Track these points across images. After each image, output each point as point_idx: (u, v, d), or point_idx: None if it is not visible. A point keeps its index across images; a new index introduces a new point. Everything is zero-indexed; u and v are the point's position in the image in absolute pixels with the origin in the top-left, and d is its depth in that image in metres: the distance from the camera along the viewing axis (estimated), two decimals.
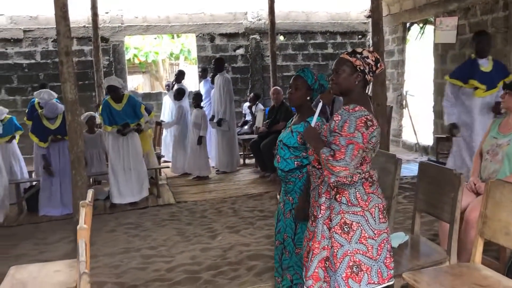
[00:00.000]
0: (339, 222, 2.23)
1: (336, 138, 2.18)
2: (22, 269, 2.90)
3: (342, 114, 2.23)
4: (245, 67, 10.70)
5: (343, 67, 2.31)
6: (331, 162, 2.14)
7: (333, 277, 2.23)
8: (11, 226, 5.68)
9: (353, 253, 2.21)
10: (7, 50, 9.49)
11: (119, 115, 6.02)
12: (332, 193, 2.26)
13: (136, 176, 6.13)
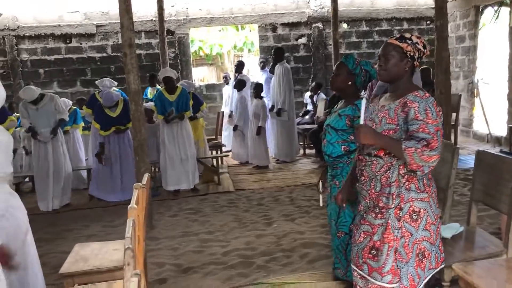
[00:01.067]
0: (408, 210, 2.18)
1: (423, 126, 2.09)
2: (85, 246, 3.14)
3: (419, 101, 2.14)
4: (307, 56, 10.62)
5: (392, 52, 2.23)
6: (428, 153, 2.05)
7: (404, 268, 2.17)
8: (83, 209, 6.10)
9: (420, 241, 2.18)
10: (81, 44, 10.11)
11: (172, 105, 6.27)
12: (403, 181, 2.19)
13: (188, 164, 6.33)
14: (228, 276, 3.70)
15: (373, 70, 2.94)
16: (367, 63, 2.99)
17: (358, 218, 2.38)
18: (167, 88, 6.32)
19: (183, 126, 6.33)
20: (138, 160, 4.90)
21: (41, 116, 5.98)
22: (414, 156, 2.06)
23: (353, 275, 2.41)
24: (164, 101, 6.29)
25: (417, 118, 2.11)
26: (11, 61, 9.87)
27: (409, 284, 2.16)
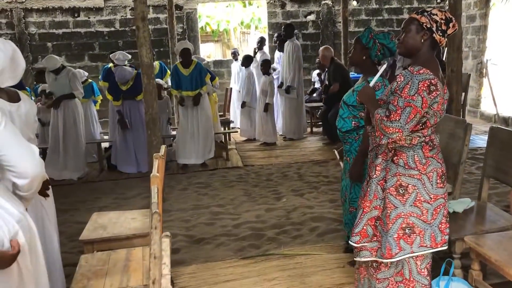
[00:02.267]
0: (394, 184, 2.24)
1: (395, 98, 2.16)
2: (103, 215, 3.22)
3: (406, 75, 2.19)
4: (316, 33, 10.55)
5: (409, 26, 2.25)
6: (385, 123, 2.13)
7: (385, 237, 2.26)
8: (94, 182, 6.19)
9: (407, 215, 2.22)
10: (89, 18, 10.07)
11: (186, 80, 6.26)
12: (390, 155, 2.26)
13: (204, 138, 6.38)
14: (240, 247, 3.79)
15: (392, 43, 2.91)
16: (385, 37, 2.93)
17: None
18: (183, 61, 6.30)
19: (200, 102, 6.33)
20: (149, 134, 4.95)
21: (58, 86, 6.15)
22: (378, 123, 2.17)
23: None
24: (179, 75, 6.28)
25: (395, 91, 2.18)
26: (19, 34, 9.85)
27: (386, 252, 2.25)
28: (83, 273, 2.40)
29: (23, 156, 1.70)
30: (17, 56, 2.26)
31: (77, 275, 2.40)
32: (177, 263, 3.54)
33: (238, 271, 3.35)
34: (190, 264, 3.52)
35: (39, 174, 1.75)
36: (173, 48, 9.67)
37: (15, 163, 1.69)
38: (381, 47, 2.92)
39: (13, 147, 1.69)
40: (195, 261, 3.57)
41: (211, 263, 3.51)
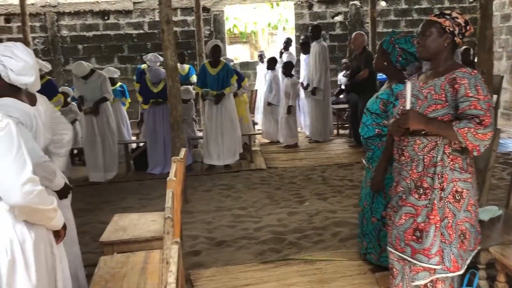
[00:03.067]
0: (451, 190, 2.14)
1: (475, 103, 2.03)
2: (124, 217, 3.26)
3: (469, 78, 2.09)
4: (343, 34, 10.44)
5: (430, 29, 2.19)
6: (482, 131, 1.98)
7: (447, 249, 2.13)
8: (121, 182, 6.29)
9: (462, 222, 2.15)
10: (119, 21, 10.26)
11: (213, 79, 6.28)
12: (447, 161, 2.15)
13: (228, 140, 6.39)
14: (260, 251, 3.77)
15: (413, 48, 2.81)
16: (406, 41, 2.83)
17: (396, 199, 2.31)
18: (212, 60, 6.33)
19: (223, 103, 6.35)
20: (173, 136, 4.99)
21: (88, 89, 6.24)
22: (468, 136, 2.00)
23: (390, 257, 2.37)
24: (206, 74, 6.31)
25: (467, 95, 2.05)
26: (52, 37, 10.13)
27: (452, 265, 2.12)
28: (101, 275, 2.43)
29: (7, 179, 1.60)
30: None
31: (96, 276, 2.43)
32: (197, 265, 3.56)
33: (257, 275, 3.33)
34: (210, 266, 3.52)
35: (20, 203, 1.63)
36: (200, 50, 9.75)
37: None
38: (401, 52, 2.82)
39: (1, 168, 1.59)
40: (215, 264, 3.57)
41: (231, 266, 3.50)
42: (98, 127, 6.26)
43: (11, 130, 1.64)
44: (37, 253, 1.73)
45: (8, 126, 1.64)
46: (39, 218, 1.76)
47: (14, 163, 1.61)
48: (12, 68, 2.16)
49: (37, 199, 1.67)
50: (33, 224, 1.73)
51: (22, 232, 1.69)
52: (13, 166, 1.61)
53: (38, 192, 1.67)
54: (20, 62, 2.17)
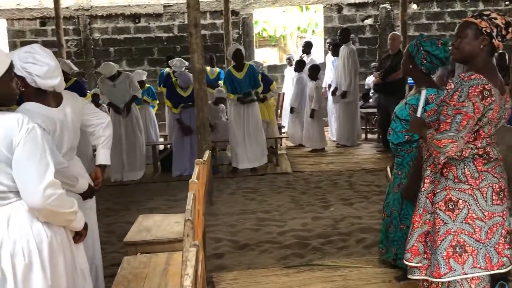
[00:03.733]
0: (443, 198, 2.11)
1: (444, 108, 2.03)
2: (148, 218, 3.29)
3: (456, 82, 2.06)
4: (373, 38, 10.31)
5: (466, 30, 2.11)
6: (436, 137, 1.99)
7: (434, 254, 2.14)
8: (147, 183, 6.37)
9: (457, 233, 2.09)
10: (149, 24, 10.42)
11: (240, 83, 6.29)
12: (438, 167, 2.14)
13: (255, 143, 6.38)
14: (284, 255, 3.74)
15: (439, 50, 2.73)
16: (432, 43, 2.73)
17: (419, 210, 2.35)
18: (236, 64, 6.36)
19: (250, 106, 6.36)
20: (200, 138, 5.02)
21: (117, 92, 6.32)
22: (430, 142, 2.03)
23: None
24: (233, 79, 6.34)
25: (444, 99, 2.05)
26: (84, 40, 10.38)
27: (435, 271, 2.12)
28: (124, 275, 2.45)
29: (28, 183, 1.65)
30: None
31: (118, 276, 2.46)
32: (220, 268, 3.56)
33: (280, 280, 3.30)
34: (232, 269, 3.52)
35: (39, 207, 1.67)
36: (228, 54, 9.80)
37: (19, 185, 1.66)
38: (426, 54, 2.74)
39: (22, 169, 1.64)
40: (238, 267, 3.56)
41: (253, 270, 3.48)
42: (126, 128, 6.35)
43: (36, 134, 1.68)
44: (54, 253, 1.75)
45: (33, 130, 1.68)
46: (58, 220, 1.80)
47: (37, 167, 1.66)
48: (37, 73, 2.19)
49: (57, 203, 1.71)
50: (51, 224, 1.77)
51: (39, 232, 1.72)
52: (36, 169, 1.66)
53: (58, 196, 1.71)
54: (44, 67, 2.20)
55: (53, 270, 1.73)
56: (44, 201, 1.66)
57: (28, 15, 10.19)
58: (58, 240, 1.77)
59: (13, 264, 1.65)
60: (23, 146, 1.64)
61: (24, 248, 1.67)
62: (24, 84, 2.19)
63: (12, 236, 1.67)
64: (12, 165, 1.64)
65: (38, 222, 1.72)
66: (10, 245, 1.66)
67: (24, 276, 1.67)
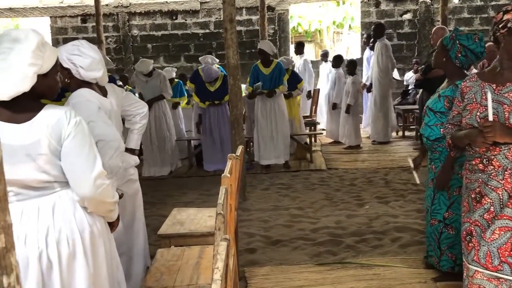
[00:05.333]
0: None
1: None
2: (182, 211, 3.33)
3: None
4: (412, 33, 10.06)
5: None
6: None
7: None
8: (183, 177, 6.46)
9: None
10: (186, 21, 10.55)
11: (265, 78, 6.29)
12: None
13: (282, 138, 6.36)
14: (316, 252, 3.71)
15: (475, 45, 2.66)
16: (468, 38, 2.68)
17: (481, 212, 2.10)
18: (262, 60, 6.36)
19: (276, 102, 6.35)
20: (233, 134, 5.04)
21: (148, 88, 6.47)
22: None
23: (474, 277, 2.14)
24: (259, 73, 6.34)
25: None
26: (123, 37, 10.61)
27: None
28: (157, 267, 2.49)
29: (80, 173, 1.71)
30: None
31: (152, 268, 2.50)
32: (252, 263, 3.56)
33: (312, 277, 3.28)
34: (265, 265, 3.52)
35: (90, 196, 1.73)
36: None
37: (70, 176, 1.73)
38: (462, 48, 2.68)
39: (73, 161, 1.70)
40: (270, 263, 3.56)
41: (285, 266, 3.47)
42: (155, 124, 6.46)
43: (83, 127, 1.75)
44: (95, 241, 1.80)
45: (81, 123, 1.74)
46: (102, 210, 1.86)
47: (87, 158, 1.73)
48: (82, 65, 2.31)
49: (105, 192, 1.78)
50: (92, 213, 1.82)
51: (81, 220, 1.78)
52: (86, 160, 1.72)
53: (107, 186, 1.78)
54: (88, 59, 2.32)
55: (94, 258, 1.79)
56: (95, 191, 1.73)
57: (70, 12, 10.52)
58: (98, 229, 1.83)
59: (59, 252, 1.70)
60: (73, 138, 1.70)
61: (69, 237, 1.72)
62: (69, 76, 2.32)
63: (58, 225, 1.72)
64: (62, 157, 1.70)
65: (80, 211, 1.78)
66: (55, 233, 1.71)
67: (68, 263, 1.71)
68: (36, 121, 1.66)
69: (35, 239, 1.67)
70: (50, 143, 1.67)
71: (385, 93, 7.55)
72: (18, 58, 1.61)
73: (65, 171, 1.72)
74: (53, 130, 1.67)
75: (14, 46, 1.62)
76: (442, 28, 6.82)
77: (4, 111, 1.64)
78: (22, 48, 1.62)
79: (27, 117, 1.66)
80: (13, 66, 1.60)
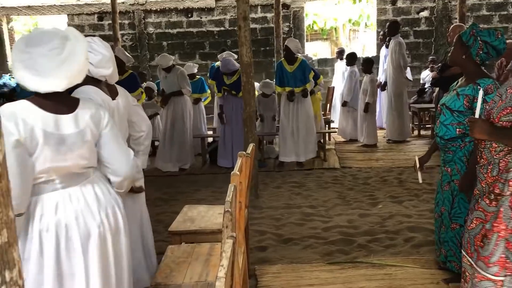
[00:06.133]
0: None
1: None
2: (193, 208, 3.34)
3: None
4: (429, 31, 9.93)
5: None
6: None
7: None
8: (196, 174, 6.48)
9: None
10: (201, 18, 10.57)
11: (290, 76, 6.25)
12: None
13: (304, 137, 6.32)
14: (328, 251, 3.69)
15: (497, 41, 2.59)
16: (490, 34, 2.60)
17: (473, 202, 2.23)
18: (286, 58, 6.35)
19: (300, 100, 6.30)
20: (246, 131, 5.03)
21: (167, 83, 6.51)
22: None
23: (463, 261, 2.29)
24: (283, 71, 6.31)
25: None
26: (139, 34, 10.68)
27: None
28: (167, 263, 2.50)
29: (120, 157, 1.96)
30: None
31: (162, 264, 2.51)
32: (263, 261, 3.56)
33: (323, 276, 3.26)
34: (275, 263, 3.51)
35: (130, 175, 2.00)
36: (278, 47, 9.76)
37: (112, 161, 1.94)
38: (483, 45, 2.60)
39: (114, 147, 1.94)
40: (281, 261, 3.55)
41: (296, 264, 3.46)
42: (173, 119, 6.50)
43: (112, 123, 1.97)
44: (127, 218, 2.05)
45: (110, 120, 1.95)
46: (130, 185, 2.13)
47: (122, 144, 2.01)
48: (91, 61, 2.31)
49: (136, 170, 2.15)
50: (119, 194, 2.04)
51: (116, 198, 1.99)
52: (122, 146, 2.00)
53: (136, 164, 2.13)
54: (98, 56, 2.35)
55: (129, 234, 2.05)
56: (133, 170, 2.01)
57: (87, 10, 10.63)
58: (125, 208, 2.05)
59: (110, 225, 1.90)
60: (111, 128, 1.93)
61: (111, 214, 1.92)
62: None
63: (102, 204, 1.89)
64: (103, 145, 1.92)
65: (112, 191, 1.99)
66: (103, 210, 1.88)
67: (114, 237, 1.91)
68: (80, 112, 1.84)
69: (91, 216, 1.84)
70: (92, 131, 1.86)
71: (400, 91, 7.46)
72: (75, 53, 1.73)
73: (107, 156, 1.93)
74: (94, 119, 1.87)
75: (66, 43, 1.72)
76: (460, 26, 6.72)
77: (49, 103, 1.76)
78: (77, 45, 1.75)
79: (70, 108, 1.83)
80: (71, 60, 1.71)
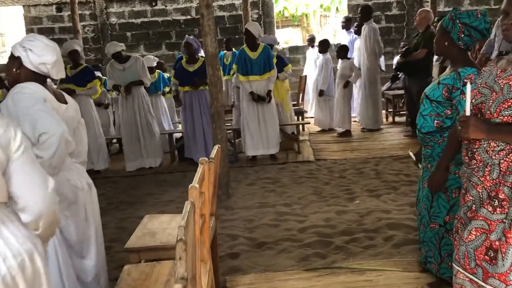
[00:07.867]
0: None
1: None
2: (154, 218, 3.03)
3: None
4: (401, 15, 9.76)
5: None
6: None
7: None
8: (164, 173, 6.15)
9: None
10: (166, 7, 10.12)
11: (253, 63, 5.93)
12: None
13: (271, 128, 6.05)
14: (304, 255, 3.44)
15: (478, 21, 2.38)
16: (470, 15, 2.41)
17: (465, 210, 1.93)
18: (248, 44, 5.99)
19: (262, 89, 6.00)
20: (215, 127, 4.73)
21: (127, 76, 6.07)
22: None
23: (457, 276, 1.98)
24: (246, 58, 5.96)
25: None
26: (101, 25, 10.17)
27: None
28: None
29: (32, 190, 1.51)
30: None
31: None
32: (235, 270, 3.30)
33: (299, 285, 3.02)
34: (248, 272, 3.25)
35: (46, 212, 1.54)
36: None
37: (22, 194, 1.49)
38: (463, 27, 2.40)
39: (25, 177, 1.50)
40: (254, 269, 3.28)
41: (270, 273, 3.20)
42: (139, 114, 6.13)
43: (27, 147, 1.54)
44: None
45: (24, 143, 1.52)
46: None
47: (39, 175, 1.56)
48: (32, 48, 2.15)
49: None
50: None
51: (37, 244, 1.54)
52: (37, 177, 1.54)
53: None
54: (41, 44, 2.18)
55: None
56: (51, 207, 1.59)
57: (44, 0, 10.03)
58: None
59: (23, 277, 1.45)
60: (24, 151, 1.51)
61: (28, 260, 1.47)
62: (19, 65, 2.17)
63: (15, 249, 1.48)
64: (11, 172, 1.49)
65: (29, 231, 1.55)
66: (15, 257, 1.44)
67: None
68: None
69: None
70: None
71: (374, 79, 7.25)
72: None
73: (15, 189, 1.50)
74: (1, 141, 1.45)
75: None
76: (426, 11, 6.55)
77: None
78: None
79: None
80: None
